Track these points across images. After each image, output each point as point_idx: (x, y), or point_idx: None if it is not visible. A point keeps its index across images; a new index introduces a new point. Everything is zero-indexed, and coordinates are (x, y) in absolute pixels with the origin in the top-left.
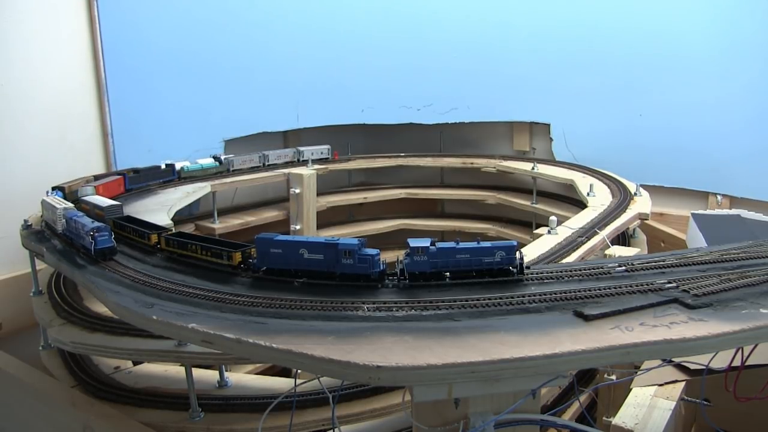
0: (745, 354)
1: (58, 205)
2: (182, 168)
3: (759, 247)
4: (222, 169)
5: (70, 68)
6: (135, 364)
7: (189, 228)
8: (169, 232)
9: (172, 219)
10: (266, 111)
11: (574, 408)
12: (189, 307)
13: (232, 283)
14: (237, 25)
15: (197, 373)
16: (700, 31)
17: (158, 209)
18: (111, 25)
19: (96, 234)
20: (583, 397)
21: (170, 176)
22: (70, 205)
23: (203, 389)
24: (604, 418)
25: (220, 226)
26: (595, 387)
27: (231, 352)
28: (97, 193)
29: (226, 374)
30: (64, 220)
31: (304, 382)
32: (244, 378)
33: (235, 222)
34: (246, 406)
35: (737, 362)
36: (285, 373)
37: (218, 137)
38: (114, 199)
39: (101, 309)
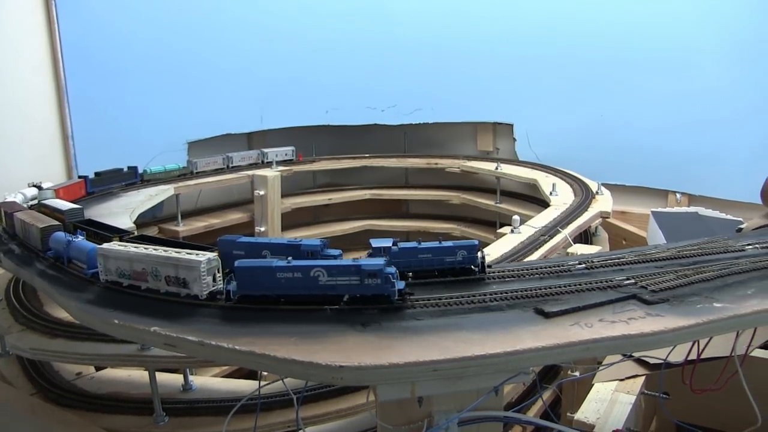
0: (701, 347)
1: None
2: (145, 170)
3: (714, 243)
4: (185, 171)
5: (28, 70)
6: (98, 369)
7: (152, 231)
8: (131, 235)
9: (134, 222)
10: (230, 113)
11: (539, 404)
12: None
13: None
14: (200, 27)
15: (161, 377)
16: (660, 32)
17: (121, 212)
18: (70, 27)
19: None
20: (547, 394)
21: (133, 179)
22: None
23: (168, 393)
24: (568, 413)
25: (184, 228)
26: (558, 383)
27: (194, 354)
28: (58, 197)
29: (191, 378)
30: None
31: (268, 384)
32: (209, 381)
33: (199, 224)
34: (211, 409)
35: (694, 356)
36: (252, 375)
37: (182, 139)
38: (75, 203)
39: (62, 314)
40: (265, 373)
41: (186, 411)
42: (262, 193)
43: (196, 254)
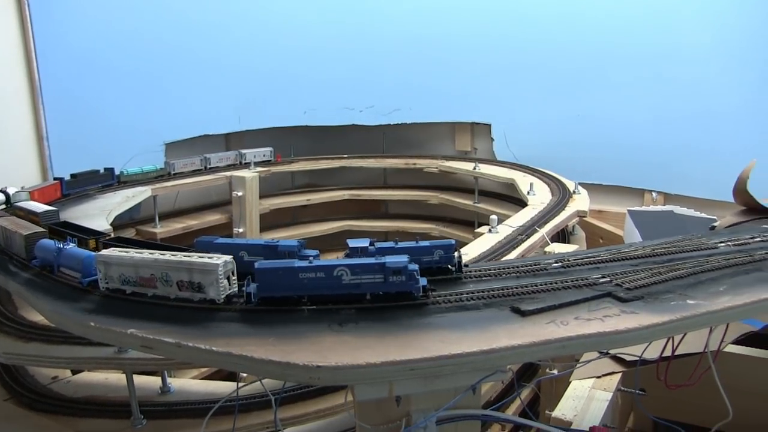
0: (675, 344)
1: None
2: (122, 172)
3: (688, 241)
4: (163, 173)
5: (0, 70)
6: (74, 373)
7: (130, 233)
8: (108, 237)
9: (111, 224)
10: (207, 114)
11: (518, 402)
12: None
13: None
14: (177, 27)
15: (139, 379)
16: (635, 33)
17: (97, 214)
18: (44, 26)
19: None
20: (526, 392)
21: (110, 180)
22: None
23: (145, 396)
24: (546, 411)
25: (161, 230)
26: (536, 381)
27: (172, 356)
28: (32, 199)
29: (169, 380)
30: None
31: (245, 385)
32: (187, 383)
33: (177, 226)
34: (189, 411)
35: (668, 352)
36: (232, 376)
37: (159, 140)
38: (50, 205)
39: (37, 317)
40: (245, 375)
41: (164, 413)
42: (240, 194)
43: (210, 257)
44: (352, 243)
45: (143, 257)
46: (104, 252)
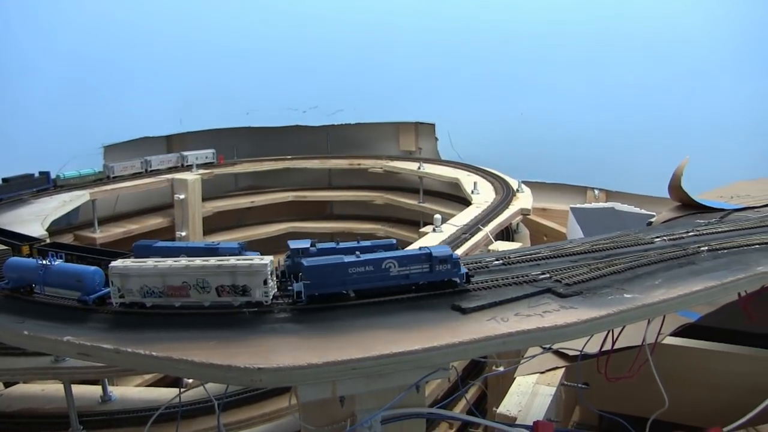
0: (615, 337)
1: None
2: (58, 176)
3: (626, 236)
4: (102, 176)
5: None
6: (7, 385)
7: (68, 238)
8: (43, 243)
9: (47, 229)
10: (148, 115)
11: (468, 399)
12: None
13: None
14: (114, 26)
15: (78, 389)
16: (576, 32)
17: (32, 219)
18: None
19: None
20: (473, 390)
21: (45, 184)
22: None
23: (85, 406)
24: (494, 408)
25: (101, 235)
26: (482, 378)
27: (111, 363)
28: None
29: (110, 388)
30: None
31: (185, 390)
32: (129, 391)
33: (117, 230)
34: (131, 419)
35: (609, 346)
36: (178, 383)
37: (97, 143)
38: None
39: None
40: (190, 381)
41: (104, 423)
42: (182, 197)
43: (251, 259)
44: (293, 244)
45: (171, 265)
46: (119, 263)
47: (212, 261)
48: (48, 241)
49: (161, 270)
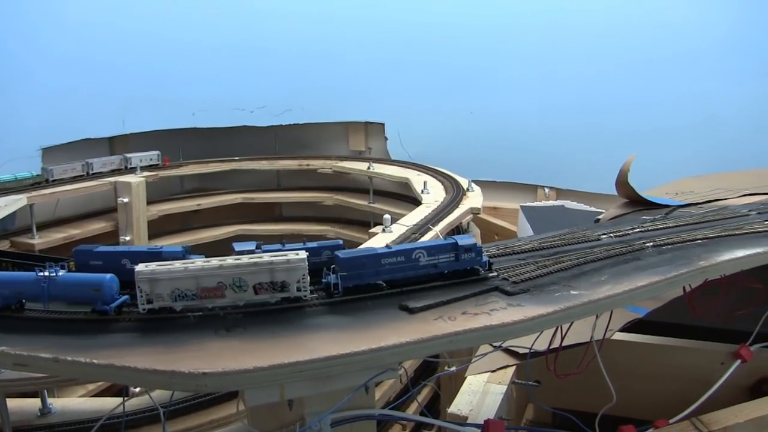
0: (564, 334)
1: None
2: None
3: (573, 234)
4: (40, 180)
5: None
6: None
7: (3, 245)
8: None
9: None
10: (89, 116)
11: (421, 400)
12: None
13: None
14: (52, 23)
15: (14, 403)
16: (524, 31)
17: None
18: None
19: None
20: (427, 390)
21: None
22: None
23: (22, 420)
24: (447, 408)
25: (40, 241)
26: (433, 378)
27: (49, 372)
28: None
29: (50, 400)
30: None
31: (128, 399)
32: (71, 402)
33: (57, 236)
34: None
35: (558, 343)
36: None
37: (34, 145)
38: None
39: None
40: (137, 389)
41: None
42: (125, 200)
43: (287, 254)
44: (238, 246)
45: (203, 266)
46: (144, 268)
47: (245, 259)
48: None
49: (194, 272)
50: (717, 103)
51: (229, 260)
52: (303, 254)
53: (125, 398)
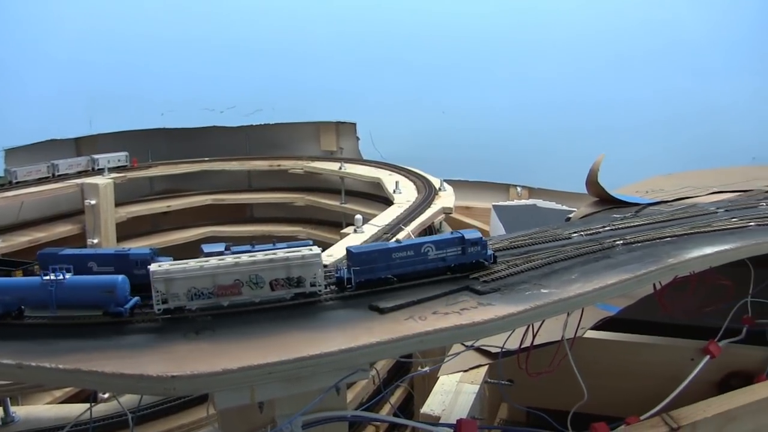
0: (536, 332)
1: None
2: None
3: (544, 232)
4: (2, 182)
5: None
6: None
7: None
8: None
9: None
10: (54, 116)
11: (394, 401)
12: None
13: None
14: (12, 20)
15: None
16: (495, 30)
17: None
18: None
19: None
20: (400, 391)
21: None
22: None
23: None
24: (420, 409)
25: (3, 244)
26: (405, 378)
27: (12, 378)
28: None
29: (13, 409)
30: None
31: (94, 405)
32: (36, 410)
33: (21, 239)
34: None
35: (529, 342)
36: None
37: None
38: None
39: None
40: (107, 395)
41: None
42: (93, 202)
43: (300, 250)
44: (207, 248)
45: (219, 264)
46: (159, 268)
47: (260, 256)
48: None
49: (210, 270)
50: (686, 102)
51: (245, 257)
52: (317, 249)
53: (92, 404)
